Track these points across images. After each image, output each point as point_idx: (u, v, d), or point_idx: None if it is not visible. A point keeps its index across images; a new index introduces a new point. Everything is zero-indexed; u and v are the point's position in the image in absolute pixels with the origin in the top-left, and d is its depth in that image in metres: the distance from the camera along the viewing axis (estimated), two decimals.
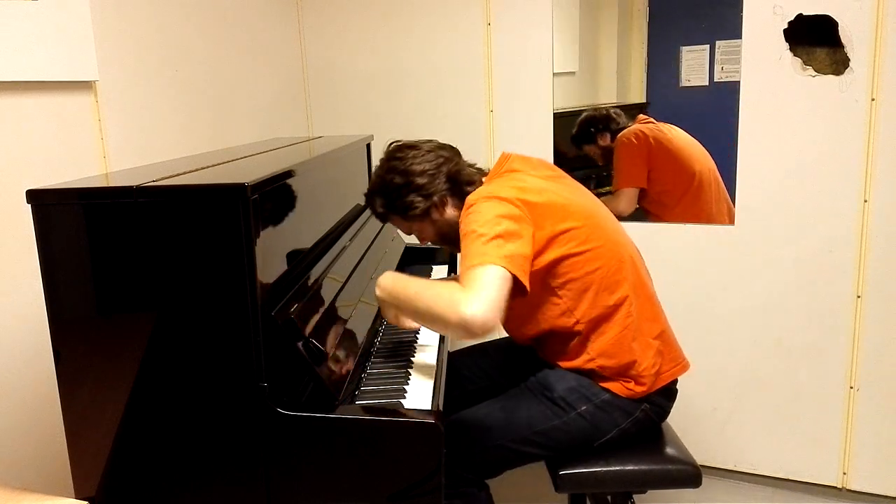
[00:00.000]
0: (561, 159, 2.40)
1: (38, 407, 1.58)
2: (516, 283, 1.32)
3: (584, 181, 1.72)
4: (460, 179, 1.56)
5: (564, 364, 1.54)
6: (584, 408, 1.50)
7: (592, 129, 2.43)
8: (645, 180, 2.34)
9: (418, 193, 1.54)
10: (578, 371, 1.53)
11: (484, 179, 1.58)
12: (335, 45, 2.65)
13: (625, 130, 2.34)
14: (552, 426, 1.50)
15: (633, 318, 1.50)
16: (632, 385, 1.51)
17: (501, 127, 2.47)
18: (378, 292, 1.51)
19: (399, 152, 1.58)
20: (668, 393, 1.58)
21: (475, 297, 1.25)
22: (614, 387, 1.51)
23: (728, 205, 2.21)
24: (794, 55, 2.04)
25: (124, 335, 1.20)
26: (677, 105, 2.29)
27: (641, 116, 2.33)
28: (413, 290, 1.41)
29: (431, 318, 1.34)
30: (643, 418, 1.53)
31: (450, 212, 1.57)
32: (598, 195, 1.86)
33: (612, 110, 2.40)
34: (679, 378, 1.59)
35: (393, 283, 1.49)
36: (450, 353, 1.78)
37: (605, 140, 2.41)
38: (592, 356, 1.50)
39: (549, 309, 1.50)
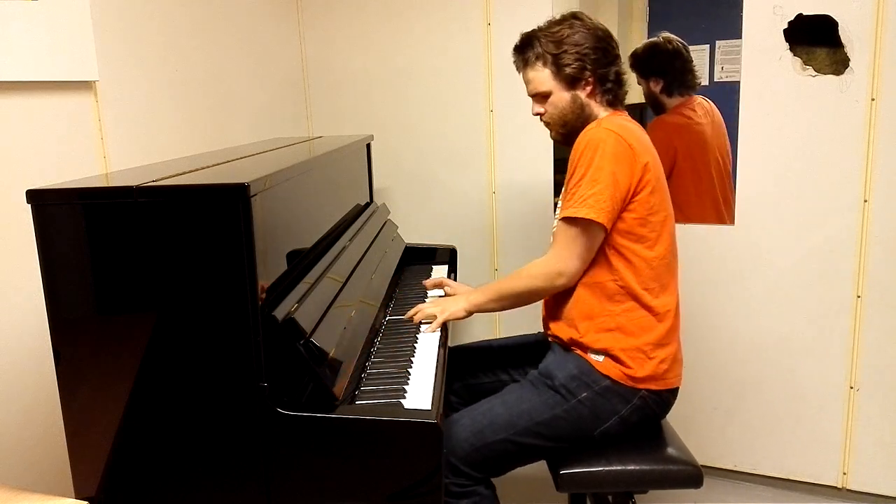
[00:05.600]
0: (560, 160, 2.40)
1: (38, 407, 1.58)
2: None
3: None
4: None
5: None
6: (584, 395, 1.52)
7: (650, 64, 2.17)
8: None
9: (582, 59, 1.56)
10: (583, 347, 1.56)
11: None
12: (335, 45, 2.65)
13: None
14: (553, 415, 1.51)
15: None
16: (633, 372, 1.52)
17: (501, 127, 2.47)
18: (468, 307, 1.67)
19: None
20: (670, 389, 1.59)
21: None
22: (613, 373, 1.52)
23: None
24: (794, 55, 2.04)
25: (124, 335, 1.20)
26: None
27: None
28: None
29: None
30: (641, 405, 1.54)
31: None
32: None
33: (684, 49, 2.13)
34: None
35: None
36: (452, 348, 1.79)
37: (656, 85, 2.20)
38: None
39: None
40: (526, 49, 1.62)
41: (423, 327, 1.67)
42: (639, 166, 1.48)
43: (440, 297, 1.88)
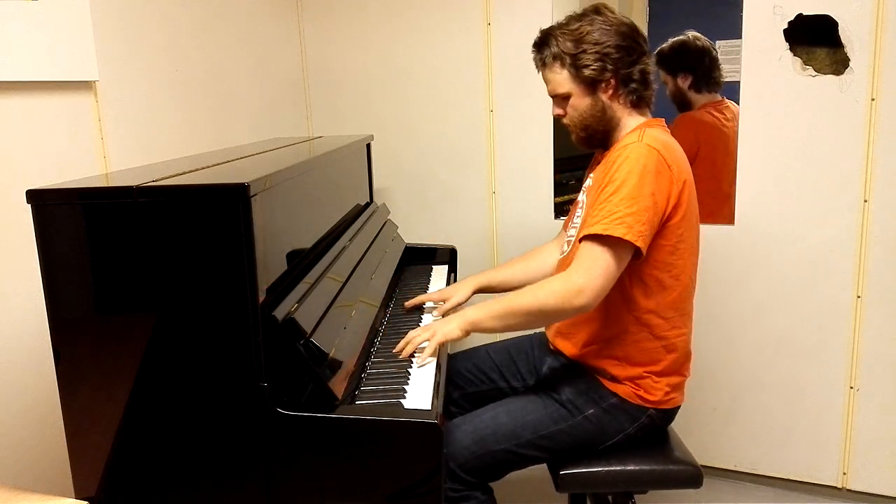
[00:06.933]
0: (560, 160, 2.40)
1: (38, 407, 1.58)
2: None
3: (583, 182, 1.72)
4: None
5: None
6: (591, 411, 1.50)
7: (678, 61, 2.16)
8: None
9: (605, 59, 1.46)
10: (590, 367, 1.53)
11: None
12: (335, 45, 2.65)
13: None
14: (557, 430, 1.49)
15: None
16: (642, 393, 1.51)
17: (501, 127, 2.47)
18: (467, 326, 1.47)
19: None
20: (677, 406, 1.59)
21: None
22: (622, 390, 1.51)
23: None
24: (794, 55, 2.03)
25: (124, 335, 1.19)
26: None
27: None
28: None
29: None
30: (649, 424, 1.53)
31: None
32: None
33: (712, 47, 2.13)
34: None
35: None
36: (449, 356, 1.78)
37: (684, 81, 2.19)
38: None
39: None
40: (543, 48, 1.52)
41: (415, 360, 1.48)
42: (676, 189, 1.41)
43: (440, 300, 1.86)
